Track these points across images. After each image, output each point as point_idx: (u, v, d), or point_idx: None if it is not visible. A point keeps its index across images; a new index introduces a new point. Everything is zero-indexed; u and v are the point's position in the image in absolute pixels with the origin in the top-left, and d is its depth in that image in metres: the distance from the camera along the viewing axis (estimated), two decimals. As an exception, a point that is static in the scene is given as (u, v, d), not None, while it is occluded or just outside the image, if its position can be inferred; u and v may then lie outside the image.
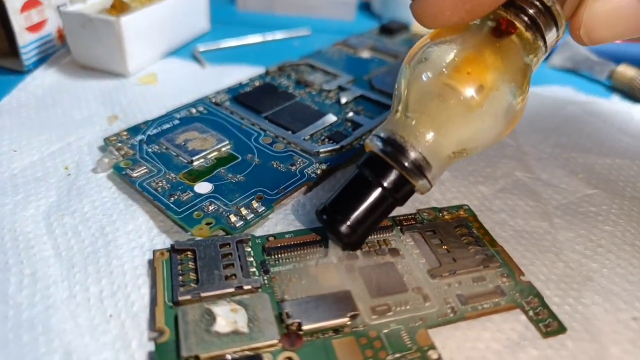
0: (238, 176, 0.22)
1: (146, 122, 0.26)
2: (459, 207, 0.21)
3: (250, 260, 0.18)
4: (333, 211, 0.18)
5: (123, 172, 0.22)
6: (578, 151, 0.26)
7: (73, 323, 0.16)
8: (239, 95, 0.28)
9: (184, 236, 0.19)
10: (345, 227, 0.17)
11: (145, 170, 0.22)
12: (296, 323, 0.16)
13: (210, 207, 0.20)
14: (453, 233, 0.20)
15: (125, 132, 0.25)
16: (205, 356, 0.15)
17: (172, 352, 0.15)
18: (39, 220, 0.20)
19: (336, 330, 0.16)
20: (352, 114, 0.27)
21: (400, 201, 0.18)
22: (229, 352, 0.15)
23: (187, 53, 0.35)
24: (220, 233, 0.19)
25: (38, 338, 0.16)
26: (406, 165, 0.17)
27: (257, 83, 0.30)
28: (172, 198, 0.21)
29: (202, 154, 0.23)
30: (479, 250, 0.19)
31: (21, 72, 0.31)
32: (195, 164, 0.23)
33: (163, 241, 0.19)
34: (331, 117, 0.26)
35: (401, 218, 0.20)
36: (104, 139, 0.24)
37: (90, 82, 0.31)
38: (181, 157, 0.23)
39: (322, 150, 0.24)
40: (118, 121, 0.27)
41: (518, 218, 0.21)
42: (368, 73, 0.32)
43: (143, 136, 0.24)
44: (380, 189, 0.17)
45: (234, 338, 0.15)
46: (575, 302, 0.18)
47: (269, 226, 0.20)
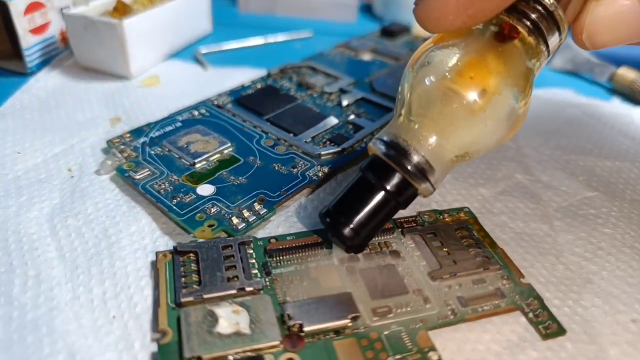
0: (240, 178, 0.22)
1: (149, 125, 0.26)
2: (460, 210, 0.21)
3: (252, 262, 0.18)
4: (336, 214, 0.18)
5: (126, 174, 0.22)
6: (578, 153, 0.26)
7: (77, 324, 0.16)
8: (241, 97, 0.29)
9: (187, 238, 0.20)
10: (348, 230, 0.17)
11: (147, 172, 0.22)
12: (298, 324, 0.16)
13: (212, 209, 0.20)
14: (453, 235, 0.20)
15: (128, 134, 0.25)
16: (207, 357, 0.15)
17: (175, 353, 0.15)
18: (43, 222, 0.20)
19: (337, 331, 0.16)
20: (354, 117, 0.27)
21: (403, 204, 0.18)
22: (231, 353, 0.15)
23: (189, 55, 0.36)
24: (222, 235, 0.20)
25: (42, 339, 0.16)
26: (409, 168, 0.17)
27: (259, 85, 0.30)
28: (175, 200, 0.21)
29: (205, 157, 0.23)
30: (479, 252, 0.19)
31: (24, 74, 0.32)
32: (197, 166, 0.23)
33: (166, 243, 0.20)
34: (332, 120, 0.27)
35: (402, 220, 0.20)
36: (107, 141, 0.24)
37: (93, 84, 0.31)
38: (183, 160, 0.23)
39: (324, 152, 0.24)
40: (121, 123, 0.27)
41: (518, 220, 0.22)
42: (369, 75, 0.32)
43: (146, 138, 0.25)
44: (383, 192, 0.17)
45: (236, 339, 0.15)
46: (574, 304, 0.18)
47: (271, 228, 0.20)
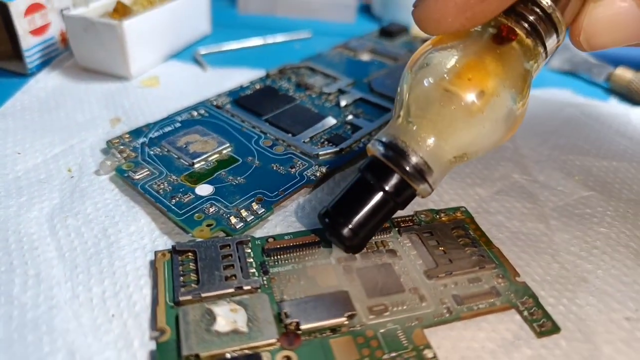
0: (238, 178, 0.22)
1: (148, 125, 0.26)
2: (456, 209, 0.21)
3: (250, 261, 0.18)
4: (335, 214, 0.18)
5: (125, 175, 0.22)
6: (575, 153, 0.26)
7: (76, 323, 0.17)
8: (240, 98, 0.29)
9: (185, 237, 0.20)
10: (347, 230, 0.18)
11: (147, 172, 0.22)
12: (294, 323, 0.16)
13: (211, 209, 0.20)
14: (450, 234, 0.20)
15: (127, 135, 0.25)
16: (205, 355, 0.15)
17: (173, 351, 0.15)
18: (43, 222, 0.20)
19: (334, 329, 0.16)
20: (352, 117, 0.27)
21: (401, 205, 0.18)
22: (229, 351, 0.15)
23: (189, 56, 0.36)
24: (220, 234, 0.20)
25: (42, 338, 0.16)
26: (407, 169, 0.17)
27: (258, 86, 0.30)
28: (174, 200, 0.21)
29: (203, 157, 0.23)
30: (475, 251, 0.19)
31: (25, 75, 0.32)
32: (196, 167, 0.23)
33: (164, 242, 0.20)
34: (331, 120, 0.27)
35: (399, 220, 0.20)
36: (107, 142, 0.25)
37: (92, 85, 0.31)
38: (182, 160, 0.23)
39: (322, 152, 0.24)
40: (120, 124, 0.27)
41: (515, 220, 0.22)
42: (368, 76, 0.32)
43: (145, 139, 0.25)
44: (381, 193, 0.17)
45: (234, 337, 0.15)
46: (569, 303, 0.18)
47: (269, 228, 0.21)
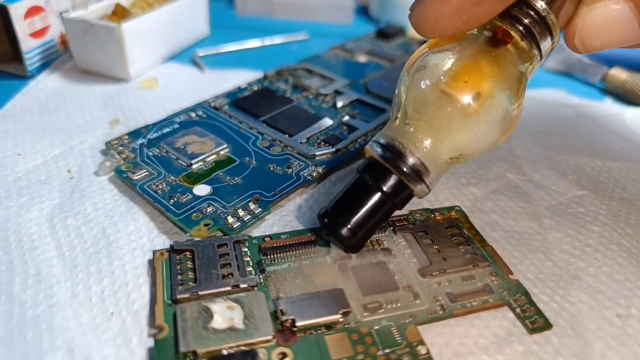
0: (236, 179, 0.23)
1: (147, 126, 0.26)
2: (451, 209, 0.22)
3: (246, 260, 0.19)
4: (334, 215, 0.18)
5: (124, 175, 0.23)
6: (570, 153, 0.27)
7: (76, 321, 0.17)
8: (238, 99, 0.29)
9: (183, 237, 0.20)
10: (346, 230, 0.18)
11: (145, 173, 0.23)
12: (290, 320, 0.16)
13: (208, 209, 0.21)
14: (444, 233, 0.20)
15: (126, 136, 0.25)
16: (202, 351, 0.15)
17: (171, 348, 0.16)
18: (43, 222, 0.21)
19: (329, 326, 0.16)
20: (348, 118, 0.28)
21: (399, 205, 0.18)
22: (225, 348, 0.15)
23: (187, 58, 0.36)
24: (218, 234, 0.20)
25: (42, 335, 0.16)
26: (405, 170, 0.17)
27: (256, 87, 0.31)
28: (172, 200, 0.21)
29: (201, 157, 0.24)
30: (469, 249, 0.19)
31: (25, 77, 0.32)
32: (194, 167, 0.23)
33: (163, 242, 0.20)
34: (327, 121, 0.27)
35: (394, 219, 0.21)
36: (106, 143, 0.25)
37: (92, 87, 0.31)
38: (181, 160, 0.24)
39: (318, 153, 0.24)
40: (119, 125, 0.28)
41: (509, 219, 0.22)
42: (364, 77, 0.32)
43: (144, 140, 0.25)
44: (379, 194, 0.18)
45: (230, 334, 0.16)
46: (562, 300, 0.18)
47: (266, 227, 0.21)
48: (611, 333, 0.17)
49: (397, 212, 0.21)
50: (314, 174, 0.23)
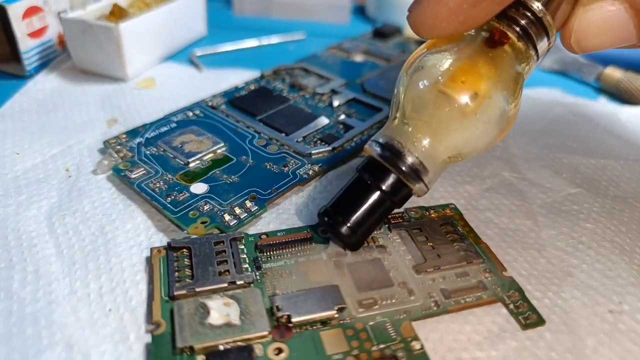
0: (233, 177, 0.23)
1: (144, 126, 0.26)
2: (446, 206, 0.22)
3: (243, 257, 0.19)
4: (334, 213, 0.18)
5: (122, 174, 0.23)
6: (564, 152, 0.27)
7: (74, 317, 0.17)
8: (235, 98, 0.29)
9: (180, 234, 0.20)
10: (345, 229, 0.18)
11: (143, 171, 0.23)
12: (286, 315, 0.16)
13: (205, 207, 0.21)
14: (439, 231, 0.20)
15: (124, 135, 0.25)
16: (199, 347, 0.15)
17: (168, 344, 0.16)
18: (41, 220, 0.21)
19: (324, 322, 0.17)
20: (344, 117, 0.28)
21: (398, 204, 0.18)
22: (222, 343, 0.16)
23: (185, 57, 0.36)
24: (215, 231, 0.20)
25: (41, 331, 0.16)
26: (404, 169, 0.17)
27: (253, 87, 0.31)
28: (169, 198, 0.21)
29: (198, 156, 0.24)
30: (463, 246, 0.20)
31: (23, 77, 0.32)
32: (191, 166, 0.23)
33: (160, 239, 0.20)
34: (324, 120, 0.27)
35: (389, 216, 0.21)
36: (104, 142, 0.25)
37: (90, 87, 0.32)
38: (178, 159, 0.24)
39: (314, 151, 0.24)
40: (117, 124, 0.28)
41: (503, 216, 0.22)
42: (360, 76, 0.32)
43: (141, 139, 0.25)
44: (379, 192, 0.18)
45: (227, 330, 0.16)
46: (555, 296, 0.18)
47: (262, 225, 0.21)
48: (603, 329, 0.17)
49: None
50: (310, 173, 0.23)
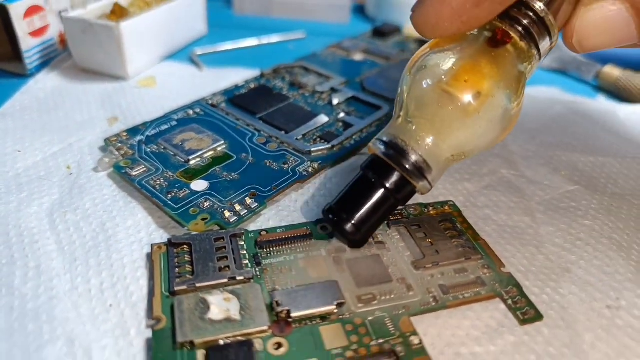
0: (233, 174, 0.23)
1: (145, 124, 0.26)
2: (444, 203, 0.22)
3: (243, 253, 0.19)
4: (339, 211, 0.19)
5: (123, 171, 0.23)
6: (563, 150, 0.27)
7: (75, 313, 0.17)
8: (235, 97, 0.29)
9: (181, 231, 0.20)
10: (350, 226, 0.18)
11: (144, 169, 0.23)
12: (286, 311, 0.17)
13: (205, 204, 0.21)
14: (437, 227, 0.21)
15: (125, 133, 0.26)
16: (199, 342, 0.16)
17: (169, 339, 0.16)
18: (43, 217, 0.21)
19: (323, 317, 0.17)
20: (344, 115, 0.28)
21: (401, 201, 0.19)
22: (222, 338, 0.16)
23: (185, 56, 0.36)
24: (215, 228, 0.20)
25: (42, 327, 0.17)
26: (407, 167, 0.18)
27: (253, 85, 0.31)
28: (170, 195, 0.21)
29: (199, 154, 0.24)
30: (462, 243, 0.20)
31: (24, 76, 0.32)
32: (191, 163, 0.24)
33: (161, 236, 0.20)
34: (323, 118, 0.27)
35: (388, 213, 0.21)
36: (105, 140, 0.25)
37: (91, 85, 0.32)
38: (178, 157, 0.24)
39: (314, 149, 0.25)
40: (118, 123, 0.28)
41: (502, 213, 0.22)
42: (360, 75, 0.33)
43: (142, 137, 0.25)
44: (383, 190, 0.18)
45: (227, 325, 0.16)
46: (553, 292, 0.18)
47: (262, 222, 0.21)
48: (601, 324, 0.17)
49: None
50: (310, 170, 0.23)
